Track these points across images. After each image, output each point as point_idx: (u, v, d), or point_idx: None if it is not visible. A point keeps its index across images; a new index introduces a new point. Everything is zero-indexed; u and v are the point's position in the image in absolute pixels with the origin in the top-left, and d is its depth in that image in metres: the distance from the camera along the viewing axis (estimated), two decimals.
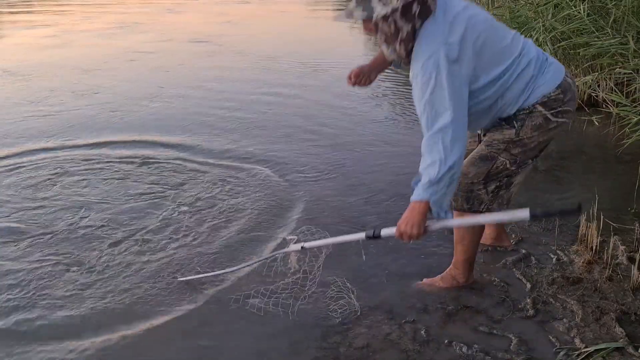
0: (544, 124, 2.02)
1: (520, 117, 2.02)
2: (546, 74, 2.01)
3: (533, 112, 2.01)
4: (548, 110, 2.00)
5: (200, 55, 7.74)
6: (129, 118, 4.91)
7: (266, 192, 3.37)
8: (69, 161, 3.87)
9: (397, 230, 1.96)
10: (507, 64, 1.94)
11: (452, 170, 1.83)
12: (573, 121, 4.54)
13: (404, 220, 1.94)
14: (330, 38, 9.51)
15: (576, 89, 2.09)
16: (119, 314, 2.28)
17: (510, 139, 2.05)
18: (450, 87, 1.80)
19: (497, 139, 2.08)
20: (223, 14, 12.56)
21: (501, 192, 2.15)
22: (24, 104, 5.32)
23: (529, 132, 2.03)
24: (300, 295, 2.33)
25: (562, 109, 2.02)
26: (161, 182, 3.52)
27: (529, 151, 2.07)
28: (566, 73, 2.06)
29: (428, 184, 1.85)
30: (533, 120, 2.01)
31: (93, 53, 7.88)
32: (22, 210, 3.14)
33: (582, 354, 1.98)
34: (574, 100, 2.06)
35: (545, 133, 2.04)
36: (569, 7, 4.64)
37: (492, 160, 2.08)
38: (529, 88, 1.99)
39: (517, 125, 2.03)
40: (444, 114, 1.81)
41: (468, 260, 2.35)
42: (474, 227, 2.25)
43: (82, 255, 2.70)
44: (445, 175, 1.83)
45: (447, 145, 1.81)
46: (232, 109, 5.12)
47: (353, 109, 5.17)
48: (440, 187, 1.85)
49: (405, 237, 1.95)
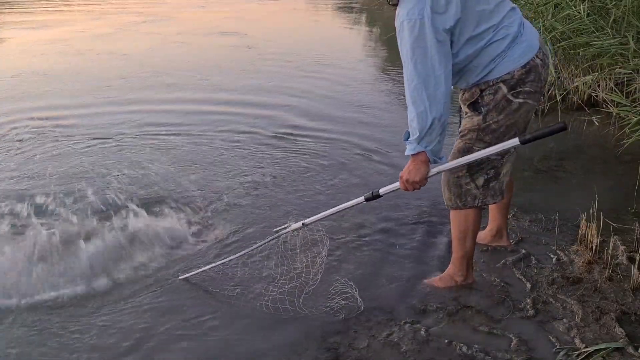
0: (506, 106, 2.04)
1: (486, 102, 2.04)
2: (515, 51, 2.00)
3: (497, 93, 2.02)
4: (509, 90, 2.01)
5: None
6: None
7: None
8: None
9: (401, 182, 2.04)
10: (482, 29, 1.94)
11: (442, 119, 1.89)
12: (573, 121, 4.56)
13: (406, 171, 2.02)
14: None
15: (546, 72, 2.07)
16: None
17: (479, 125, 2.08)
18: (433, 37, 1.82)
19: (468, 128, 2.11)
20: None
21: (491, 184, 2.17)
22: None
23: (494, 115, 2.05)
24: (302, 292, 2.32)
25: (522, 89, 2.02)
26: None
27: (501, 136, 2.07)
28: (537, 52, 2.03)
29: (419, 137, 1.91)
30: (496, 103, 2.03)
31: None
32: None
33: (582, 354, 1.98)
34: (538, 82, 2.05)
35: (509, 116, 2.05)
36: (569, 7, 4.64)
37: (469, 151, 2.11)
38: (495, 61, 1.99)
39: (483, 111, 2.06)
40: (426, 64, 1.83)
41: (465, 257, 2.35)
42: (468, 222, 2.25)
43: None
44: (434, 124, 1.88)
45: (430, 94, 1.85)
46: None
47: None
48: (433, 137, 1.91)
49: (409, 187, 2.03)
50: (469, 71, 2.04)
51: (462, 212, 2.25)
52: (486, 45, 1.98)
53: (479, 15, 1.95)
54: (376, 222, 2.99)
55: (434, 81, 1.85)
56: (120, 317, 2.26)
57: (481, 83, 2.05)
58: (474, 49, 1.97)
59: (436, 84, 1.86)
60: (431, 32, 1.83)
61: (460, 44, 1.96)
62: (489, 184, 2.17)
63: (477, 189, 2.17)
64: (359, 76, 6.70)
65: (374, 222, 2.99)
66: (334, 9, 14.60)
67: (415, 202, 3.21)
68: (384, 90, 5.98)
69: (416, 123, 1.90)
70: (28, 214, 3.03)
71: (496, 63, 2.00)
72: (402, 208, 3.15)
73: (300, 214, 2.89)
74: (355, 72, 6.90)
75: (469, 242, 2.31)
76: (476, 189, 2.17)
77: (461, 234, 2.29)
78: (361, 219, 3.02)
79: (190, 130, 4.61)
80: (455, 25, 1.90)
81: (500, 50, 1.99)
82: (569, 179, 3.55)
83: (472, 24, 1.94)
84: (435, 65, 1.85)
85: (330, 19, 12.88)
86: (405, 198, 3.25)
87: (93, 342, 2.12)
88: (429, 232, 2.90)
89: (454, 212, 2.27)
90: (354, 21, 12.40)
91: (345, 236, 2.85)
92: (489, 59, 2.00)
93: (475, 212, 2.26)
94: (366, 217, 3.04)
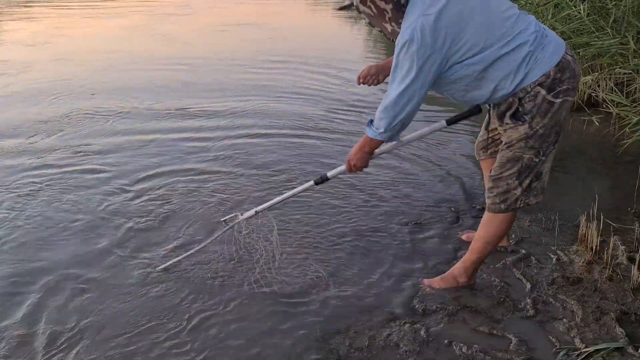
0: (549, 108, 2.03)
1: (528, 110, 2.03)
2: (545, 51, 2.00)
3: (537, 98, 2.01)
4: (548, 93, 2.01)
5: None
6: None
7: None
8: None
9: (347, 165, 2.30)
10: (498, 35, 1.96)
11: (402, 122, 2.09)
12: (573, 121, 4.56)
13: (354, 157, 2.27)
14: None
15: (577, 67, 2.08)
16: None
17: (527, 134, 2.07)
18: (420, 58, 1.93)
19: (515, 138, 2.10)
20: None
21: (533, 185, 2.16)
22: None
23: (539, 121, 2.04)
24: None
25: (561, 88, 2.01)
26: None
27: (546, 137, 2.08)
28: (566, 49, 2.05)
29: (382, 132, 2.12)
30: (538, 107, 2.02)
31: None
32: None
33: (582, 354, 1.99)
34: (574, 78, 2.05)
35: (553, 117, 2.04)
36: (569, 7, 4.64)
37: (520, 160, 2.11)
38: (527, 63, 1.99)
39: (527, 119, 2.05)
40: (409, 85, 1.99)
41: (479, 261, 2.35)
42: (502, 227, 2.24)
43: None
44: (395, 126, 2.10)
45: (403, 105, 2.03)
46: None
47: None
48: (393, 132, 2.13)
49: (353, 170, 2.30)
50: (500, 83, 2.02)
51: (499, 217, 2.22)
52: (509, 50, 1.97)
53: (490, 24, 1.95)
54: (376, 222, 2.99)
55: (409, 95, 2.01)
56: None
57: (518, 91, 2.02)
58: (492, 56, 1.97)
59: (410, 98, 2.02)
60: (420, 52, 1.93)
61: (477, 49, 1.96)
62: (531, 184, 2.16)
63: (522, 191, 2.16)
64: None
65: (374, 223, 2.99)
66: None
67: (417, 202, 3.22)
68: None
69: (384, 121, 2.09)
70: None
71: (529, 67, 1.99)
72: (403, 208, 3.15)
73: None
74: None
75: (490, 247, 2.30)
76: (522, 192, 2.16)
77: (490, 238, 2.27)
78: (361, 219, 3.03)
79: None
80: (456, 37, 1.93)
81: (526, 52, 1.98)
82: (569, 179, 3.55)
83: (483, 33, 1.94)
84: (415, 83, 1.99)
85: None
86: (407, 198, 3.26)
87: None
88: (430, 233, 2.90)
89: (492, 215, 2.24)
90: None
91: (345, 236, 2.85)
92: (516, 64, 1.98)
93: (510, 219, 2.24)
94: (366, 217, 3.05)
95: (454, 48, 1.94)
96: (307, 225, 2.94)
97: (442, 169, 3.71)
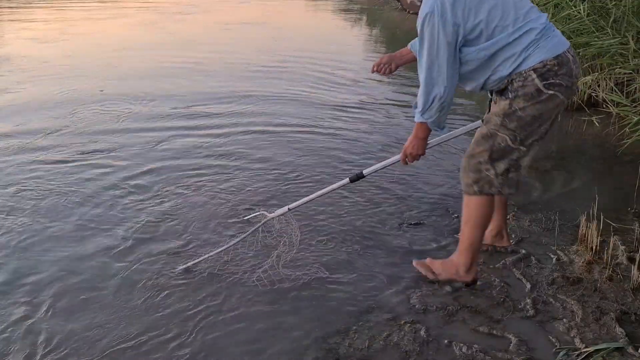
0: (535, 94, 2.07)
1: (514, 88, 2.09)
2: (549, 41, 2.07)
3: (527, 80, 2.07)
4: (541, 80, 2.05)
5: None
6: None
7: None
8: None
9: (403, 154, 2.34)
10: (512, 18, 2.05)
11: (438, 101, 2.13)
12: (573, 121, 4.56)
13: (410, 145, 2.30)
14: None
15: (577, 69, 2.12)
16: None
17: (504, 111, 2.12)
18: (441, 36, 2.04)
19: (494, 113, 2.18)
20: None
21: (510, 175, 2.19)
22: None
23: (521, 102, 2.09)
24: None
25: (554, 80, 2.06)
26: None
27: (526, 126, 2.11)
28: (568, 48, 2.10)
29: (422, 110, 2.18)
30: (525, 89, 2.08)
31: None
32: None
33: (582, 354, 1.98)
34: (569, 76, 2.08)
35: (537, 106, 2.08)
36: (569, 7, 4.65)
37: (493, 137, 2.16)
38: (528, 49, 2.06)
39: (510, 96, 2.11)
40: (435, 57, 2.08)
41: (471, 249, 2.32)
42: (478, 210, 2.27)
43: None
44: (432, 104, 2.15)
45: (432, 81, 2.12)
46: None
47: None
48: (432, 112, 2.17)
49: (410, 159, 2.34)
50: (502, 64, 2.10)
51: (474, 199, 2.25)
52: (519, 36, 2.06)
53: (507, 11, 2.05)
54: (376, 222, 2.99)
55: (437, 68, 2.09)
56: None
57: (513, 74, 2.09)
58: (501, 36, 2.06)
59: (439, 70, 2.09)
60: (441, 30, 2.03)
61: (490, 31, 2.06)
62: (509, 173, 2.18)
63: (495, 176, 2.19)
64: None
65: (374, 222, 2.99)
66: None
67: (417, 202, 3.22)
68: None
69: (421, 99, 2.16)
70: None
71: (529, 52, 2.06)
72: (402, 208, 3.15)
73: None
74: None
75: (477, 231, 2.30)
76: (495, 176, 2.19)
77: (472, 221, 2.29)
78: (361, 219, 3.03)
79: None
80: (472, 19, 2.04)
81: (532, 39, 2.05)
82: (569, 179, 3.55)
83: (499, 18, 2.05)
84: (440, 55, 2.07)
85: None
86: (407, 198, 3.26)
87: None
88: (431, 233, 2.90)
89: (467, 197, 2.28)
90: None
91: (345, 236, 2.85)
92: (520, 49, 2.06)
93: (488, 201, 2.25)
94: (366, 217, 3.05)
95: (472, 22, 2.04)
96: (308, 225, 2.94)
97: (442, 169, 3.71)
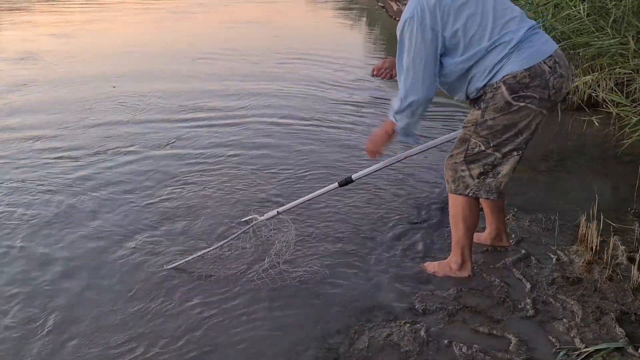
0: (505, 107, 2.10)
1: (486, 99, 2.13)
2: (522, 52, 2.07)
3: (496, 93, 2.10)
4: (509, 93, 2.08)
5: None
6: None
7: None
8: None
9: (366, 146, 2.45)
10: (489, 29, 2.06)
11: (411, 107, 2.17)
12: (573, 121, 4.56)
13: (372, 137, 2.40)
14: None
15: (557, 79, 2.07)
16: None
17: (476, 120, 2.18)
18: (419, 41, 2.07)
19: (468, 120, 2.23)
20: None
21: (487, 180, 2.24)
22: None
23: (492, 113, 2.13)
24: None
25: (524, 93, 2.07)
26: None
27: (498, 133, 2.15)
28: (546, 59, 2.06)
29: (394, 112, 2.24)
30: (496, 102, 2.11)
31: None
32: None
33: (582, 354, 1.98)
34: (543, 88, 2.07)
35: (507, 116, 2.11)
36: (569, 7, 4.64)
37: (467, 141, 2.22)
38: (502, 61, 2.08)
39: (482, 106, 2.15)
40: (412, 63, 2.11)
41: (459, 244, 2.40)
42: (457, 208, 2.33)
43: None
44: (405, 109, 2.18)
45: (408, 86, 2.14)
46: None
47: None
48: (403, 116, 2.21)
49: (369, 154, 2.43)
50: (475, 76, 2.13)
51: (454, 197, 2.33)
52: (491, 47, 2.07)
53: (487, 15, 2.06)
54: (376, 222, 2.99)
55: (413, 74, 2.12)
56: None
57: (486, 86, 2.13)
58: (478, 49, 2.07)
59: (415, 76, 2.12)
60: (418, 36, 2.06)
61: (467, 41, 2.07)
62: (485, 179, 2.24)
63: (471, 178, 2.25)
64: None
65: (373, 222, 2.99)
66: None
67: (417, 202, 3.22)
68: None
69: (397, 102, 2.20)
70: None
71: (501, 65, 2.07)
72: (402, 208, 3.15)
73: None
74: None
75: (461, 228, 2.36)
76: (471, 178, 2.25)
77: (453, 218, 2.38)
78: (361, 219, 3.03)
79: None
80: (451, 27, 2.05)
81: (504, 53, 2.06)
82: (569, 179, 3.55)
83: (481, 21, 2.06)
84: (417, 61, 2.10)
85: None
86: (406, 197, 3.26)
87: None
88: (430, 233, 2.90)
89: (450, 195, 2.35)
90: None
91: (345, 236, 2.85)
92: (493, 62, 2.08)
93: (466, 201, 2.30)
94: (366, 217, 3.05)
95: (450, 29, 2.05)
96: (308, 226, 2.93)
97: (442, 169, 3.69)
